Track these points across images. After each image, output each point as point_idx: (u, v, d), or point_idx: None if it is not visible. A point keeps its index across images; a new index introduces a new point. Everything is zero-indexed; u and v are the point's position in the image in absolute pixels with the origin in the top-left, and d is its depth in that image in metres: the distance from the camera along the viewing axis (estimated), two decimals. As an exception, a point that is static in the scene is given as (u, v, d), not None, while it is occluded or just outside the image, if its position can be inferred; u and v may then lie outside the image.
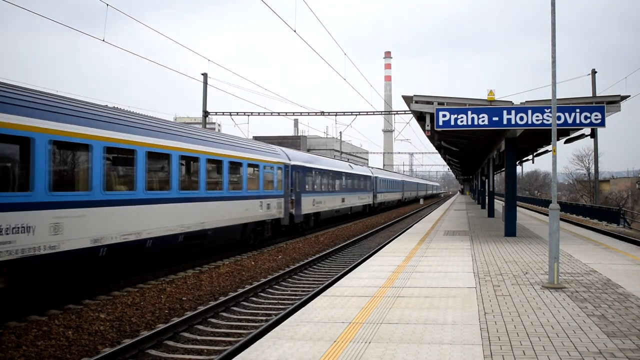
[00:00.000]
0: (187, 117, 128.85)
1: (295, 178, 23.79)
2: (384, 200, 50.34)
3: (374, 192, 44.36)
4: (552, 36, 9.68)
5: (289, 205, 23.01)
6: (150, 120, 13.92)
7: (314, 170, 27.45)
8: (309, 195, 26.00)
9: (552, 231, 9.43)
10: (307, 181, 26.10)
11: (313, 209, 26.71)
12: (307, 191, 25.75)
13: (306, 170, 25.80)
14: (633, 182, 76.22)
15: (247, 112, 36.67)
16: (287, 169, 23.02)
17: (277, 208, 21.51)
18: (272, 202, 20.89)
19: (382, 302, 8.01)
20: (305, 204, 25.23)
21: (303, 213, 24.84)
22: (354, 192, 37.00)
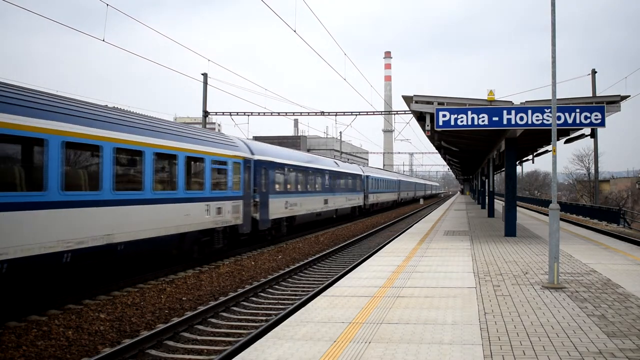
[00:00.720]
0: (187, 117, 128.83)
1: (260, 176, 19.91)
2: (377, 202, 46.78)
3: (365, 193, 40.91)
4: (552, 36, 9.68)
5: (251, 209, 18.91)
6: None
7: (286, 167, 23.49)
8: (279, 196, 22.16)
9: (552, 231, 9.43)
10: (277, 180, 22.26)
11: (285, 213, 22.87)
12: (277, 192, 22.01)
13: (275, 166, 21.96)
14: (633, 182, 76.24)
15: (247, 112, 36.67)
16: (248, 165, 18.90)
17: (233, 212, 17.37)
18: (224, 205, 16.78)
19: (382, 302, 8.01)
20: (275, 207, 21.35)
21: (272, 217, 21.00)
22: (341, 193, 33.24)
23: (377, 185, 46.39)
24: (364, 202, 40.73)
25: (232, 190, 17.42)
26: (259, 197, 19.65)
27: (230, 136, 19.39)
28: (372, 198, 43.52)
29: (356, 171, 39.13)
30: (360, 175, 39.61)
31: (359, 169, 40.93)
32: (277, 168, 22.25)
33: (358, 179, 38.90)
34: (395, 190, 57.28)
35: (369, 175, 42.51)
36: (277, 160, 22.32)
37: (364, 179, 40.61)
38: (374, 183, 44.49)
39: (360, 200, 39.53)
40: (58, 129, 10.17)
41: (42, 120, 9.88)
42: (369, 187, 42.36)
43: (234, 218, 17.52)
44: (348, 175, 35.76)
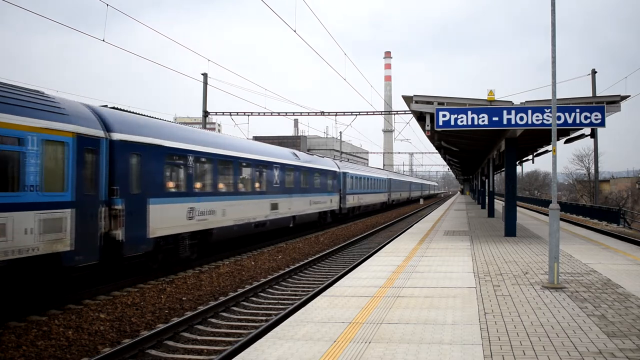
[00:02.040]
0: (187, 117, 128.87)
1: (128, 167, 12.59)
2: (359, 204, 38.64)
3: (342, 194, 33.34)
4: (552, 36, 9.68)
5: (101, 224, 11.61)
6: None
7: (192, 156, 15.37)
8: (175, 200, 14.46)
9: (552, 231, 9.43)
10: (173, 175, 14.89)
11: (189, 226, 15.00)
12: (170, 193, 14.33)
13: (166, 153, 14.19)
14: (633, 182, 76.22)
15: (247, 112, 36.69)
16: (93, 148, 11.54)
17: (44, 232, 9.95)
18: (13, 220, 9.33)
19: (382, 302, 8.01)
20: (164, 218, 13.77)
21: (155, 235, 13.34)
22: (303, 194, 25.52)
23: (359, 185, 38.75)
24: (340, 205, 32.85)
25: (38, 192, 9.86)
26: (122, 203, 12.10)
27: (53, 96, 11.41)
28: (351, 200, 35.64)
29: (328, 166, 31.09)
30: (334, 172, 31.99)
31: (333, 164, 32.97)
32: (172, 156, 14.57)
33: (331, 177, 31.06)
34: (384, 190, 49.73)
35: (346, 172, 34.94)
36: (168, 143, 14.30)
37: (339, 176, 33.06)
38: (354, 182, 36.85)
39: (335, 204, 31.59)
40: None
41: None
42: (347, 187, 34.72)
43: (46, 243, 9.93)
44: (314, 172, 27.81)
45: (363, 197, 40.42)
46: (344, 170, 34.93)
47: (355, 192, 37.65)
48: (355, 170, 39.11)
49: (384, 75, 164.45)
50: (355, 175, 38.11)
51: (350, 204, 35.86)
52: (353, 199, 36.74)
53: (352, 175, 36.89)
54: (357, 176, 38.64)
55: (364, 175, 41.29)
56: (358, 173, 39.33)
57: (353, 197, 36.70)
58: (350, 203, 35.59)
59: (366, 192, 41.66)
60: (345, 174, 34.79)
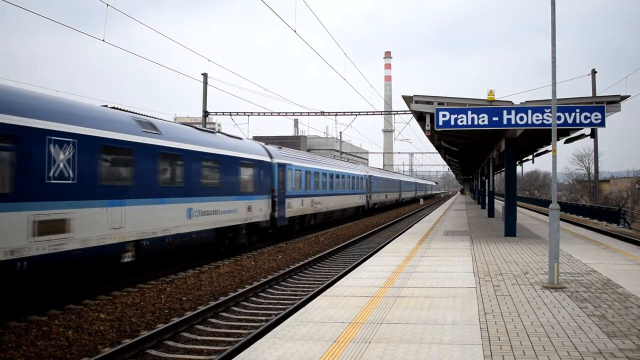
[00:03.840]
0: (187, 117, 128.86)
1: None
2: (313, 211, 27.09)
3: (280, 197, 22.04)
4: (552, 36, 9.68)
5: None
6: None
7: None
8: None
9: (552, 231, 9.43)
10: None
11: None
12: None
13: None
14: (633, 182, 76.26)
15: (247, 112, 36.70)
16: None
17: None
18: None
19: (382, 302, 8.01)
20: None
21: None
22: (205, 197, 15.77)
23: (313, 183, 27.47)
24: (275, 213, 21.44)
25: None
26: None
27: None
28: (296, 206, 24.32)
29: (247, 152, 19.37)
30: (262, 162, 20.50)
31: (261, 150, 21.26)
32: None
33: (261, 169, 20.35)
34: (361, 191, 39.40)
35: (287, 164, 23.45)
36: None
37: (273, 169, 21.65)
38: (302, 178, 25.75)
39: (260, 213, 20.07)
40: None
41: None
42: (289, 185, 23.44)
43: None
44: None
45: (325, 199, 29.19)
46: (283, 160, 23.01)
47: (306, 194, 26.03)
48: (304, 161, 26.70)
49: (384, 75, 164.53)
50: (306, 168, 26.31)
51: (295, 212, 24.19)
52: (300, 205, 24.90)
53: (299, 168, 25.26)
54: (314, 171, 27.48)
55: (326, 171, 29.82)
56: (311, 166, 27.30)
57: (300, 202, 25.00)
58: (294, 210, 23.91)
59: (327, 193, 29.73)
60: (285, 167, 23.11)
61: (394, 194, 56.86)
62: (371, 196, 43.08)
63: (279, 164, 22.50)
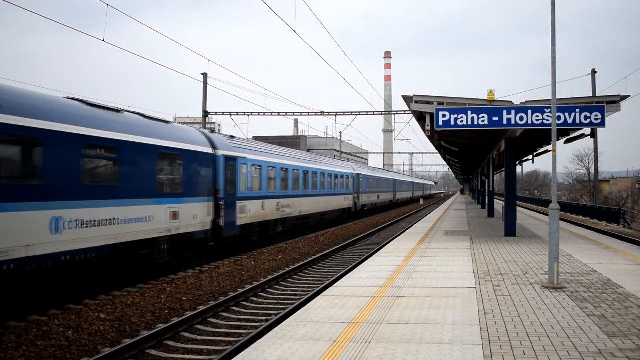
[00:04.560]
0: (187, 117, 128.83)
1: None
2: (287, 215, 22.63)
3: (229, 199, 17.18)
4: (552, 36, 9.68)
5: None
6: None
7: None
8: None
9: (552, 231, 9.43)
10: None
11: None
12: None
13: None
14: (633, 182, 76.26)
15: (247, 112, 36.69)
16: None
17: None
18: None
19: (382, 302, 8.01)
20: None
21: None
22: (89, 201, 11.07)
23: (277, 183, 22.00)
24: (221, 221, 16.63)
25: None
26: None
27: None
28: (247, 210, 18.67)
29: (180, 143, 14.82)
30: (205, 156, 16.04)
31: (195, 136, 16.09)
32: None
33: (196, 164, 15.55)
34: (346, 191, 33.75)
35: (236, 158, 17.92)
36: None
37: (212, 165, 16.42)
38: (258, 174, 19.94)
39: (154, 225, 13.97)
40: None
41: None
42: (242, 184, 18.45)
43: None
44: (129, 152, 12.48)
45: (291, 203, 23.41)
46: (233, 152, 17.70)
47: (269, 196, 20.42)
48: (266, 154, 20.95)
49: (383, 75, 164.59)
50: (269, 163, 20.75)
51: (252, 217, 18.91)
52: (259, 208, 19.51)
53: (258, 163, 19.60)
54: (276, 166, 21.69)
55: (293, 167, 23.90)
56: (276, 161, 21.65)
57: (260, 205, 19.58)
58: (250, 216, 18.69)
59: (299, 194, 24.58)
60: (236, 161, 17.73)
61: (387, 194, 51.80)
62: (359, 197, 38.41)
63: (227, 157, 17.20)
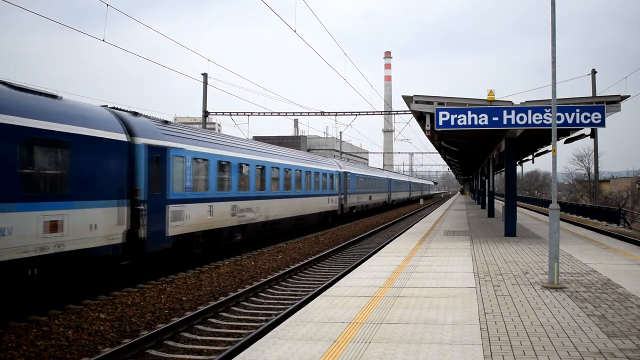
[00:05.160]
0: (187, 117, 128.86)
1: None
2: (248, 221, 18.71)
3: (155, 203, 13.10)
4: (552, 36, 9.68)
5: None
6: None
7: None
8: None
9: (552, 231, 9.43)
10: None
11: None
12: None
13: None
14: (633, 182, 76.25)
15: (247, 112, 36.70)
16: None
17: None
18: None
19: (382, 302, 8.01)
20: None
21: None
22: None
23: (195, 182, 15.91)
24: (141, 231, 12.62)
25: None
26: None
27: None
28: (186, 216, 14.63)
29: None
30: (121, 145, 12.23)
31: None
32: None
33: (102, 152, 11.76)
34: (328, 192, 29.63)
35: (167, 149, 13.94)
36: None
37: (138, 154, 12.75)
38: (192, 168, 15.19)
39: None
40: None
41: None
42: (172, 183, 14.19)
43: None
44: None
45: (254, 206, 19.22)
46: (164, 142, 13.84)
47: (220, 197, 16.67)
48: (217, 145, 16.89)
49: (383, 75, 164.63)
50: (221, 157, 16.78)
51: (196, 225, 15.17)
52: (205, 214, 15.70)
53: (204, 156, 15.73)
54: (232, 161, 17.67)
55: (255, 162, 19.51)
56: (231, 154, 17.55)
57: (207, 209, 15.78)
58: (191, 223, 14.87)
59: (266, 195, 20.29)
60: (168, 153, 13.91)
61: (380, 195, 47.53)
62: (347, 198, 34.24)
63: (152, 148, 13.04)
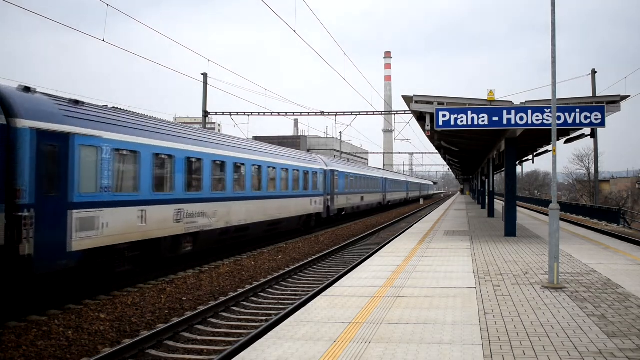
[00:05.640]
0: (187, 117, 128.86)
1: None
2: (201, 228, 15.28)
3: (44, 207, 9.74)
4: (552, 36, 9.68)
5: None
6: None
7: None
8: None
9: (552, 231, 9.43)
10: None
11: None
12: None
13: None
14: (633, 182, 76.30)
15: (247, 112, 36.70)
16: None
17: None
18: None
19: (382, 302, 8.01)
20: None
21: None
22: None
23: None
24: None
25: None
26: None
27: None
28: (87, 226, 10.91)
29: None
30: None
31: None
32: None
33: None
34: (312, 192, 26.38)
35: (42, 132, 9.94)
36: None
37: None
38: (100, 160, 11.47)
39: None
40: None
41: None
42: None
43: None
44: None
45: (202, 209, 15.67)
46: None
47: (114, 201, 11.91)
48: (138, 130, 13.09)
49: (383, 75, 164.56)
50: (151, 148, 13.29)
51: (100, 239, 11.34)
52: (120, 222, 12.06)
53: (120, 144, 12.14)
54: (175, 154, 14.44)
55: (206, 156, 16.00)
56: (165, 145, 13.94)
57: (124, 217, 12.23)
58: (85, 239, 10.86)
59: (222, 197, 16.97)
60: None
61: (374, 195, 44.45)
62: (334, 199, 30.71)
63: (45, 134, 10.03)
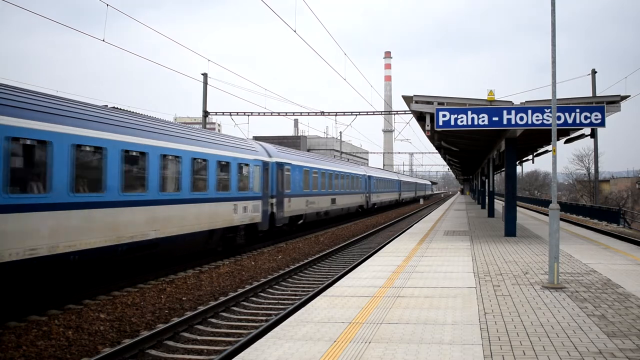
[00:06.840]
0: (187, 117, 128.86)
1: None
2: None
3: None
4: (552, 36, 9.68)
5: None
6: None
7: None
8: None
9: (552, 231, 9.43)
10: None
11: None
12: None
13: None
14: (633, 182, 76.28)
15: (247, 112, 36.69)
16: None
17: None
18: None
19: (382, 302, 8.01)
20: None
21: None
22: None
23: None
24: None
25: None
26: None
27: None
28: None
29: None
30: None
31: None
32: None
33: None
34: (244, 194, 17.80)
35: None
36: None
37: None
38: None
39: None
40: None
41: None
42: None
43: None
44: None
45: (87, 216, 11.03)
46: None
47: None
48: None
49: (383, 75, 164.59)
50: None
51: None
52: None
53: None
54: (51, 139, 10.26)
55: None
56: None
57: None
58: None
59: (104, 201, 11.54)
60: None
61: (353, 196, 35.54)
62: (283, 203, 22.39)
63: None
